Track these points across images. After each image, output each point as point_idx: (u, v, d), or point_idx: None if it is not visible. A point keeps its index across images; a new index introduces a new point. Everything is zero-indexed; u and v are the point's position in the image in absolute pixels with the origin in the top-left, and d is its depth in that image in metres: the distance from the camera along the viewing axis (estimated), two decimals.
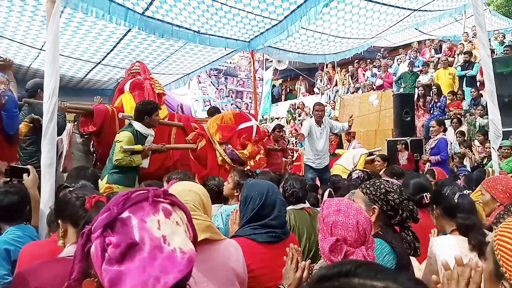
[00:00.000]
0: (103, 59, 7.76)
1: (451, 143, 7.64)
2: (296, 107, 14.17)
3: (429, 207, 2.53)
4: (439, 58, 10.79)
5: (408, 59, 11.52)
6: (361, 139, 9.45)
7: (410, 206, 2.01)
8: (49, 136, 2.72)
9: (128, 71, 5.57)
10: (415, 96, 9.47)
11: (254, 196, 2.04)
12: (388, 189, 2.01)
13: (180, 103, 10.81)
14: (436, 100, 9.13)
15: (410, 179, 3.08)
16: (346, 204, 1.59)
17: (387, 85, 11.46)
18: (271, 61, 15.36)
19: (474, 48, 10.03)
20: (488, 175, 3.71)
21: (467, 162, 7.25)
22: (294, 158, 8.35)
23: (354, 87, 12.97)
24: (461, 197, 2.13)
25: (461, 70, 9.68)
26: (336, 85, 14.10)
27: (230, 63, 14.58)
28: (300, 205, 2.99)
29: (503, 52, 9.24)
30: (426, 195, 2.82)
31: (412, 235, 2.00)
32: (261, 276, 1.88)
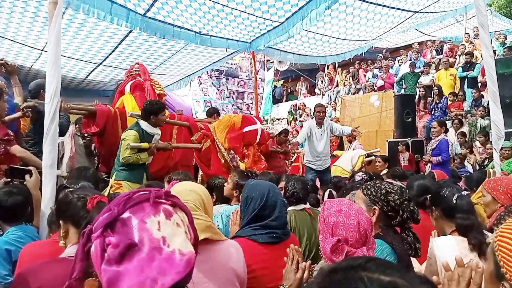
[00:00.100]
0: (105, 60, 7.77)
1: (452, 144, 7.63)
2: (297, 108, 14.16)
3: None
4: (440, 59, 10.78)
5: (409, 60, 11.51)
6: (362, 140, 9.44)
7: (411, 207, 2.01)
8: (51, 137, 2.72)
9: (128, 73, 5.59)
10: (416, 97, 9.46)
11: (255, 197, 2.04)
12: (389, 190, 2.01)
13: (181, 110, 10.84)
14: (437, 101, 9.12)
15: (414, 181, 3.09)
16: (347, 205, 1.59)
17: (388, 86, 11.45)
18: (272, 62, 15.35)
19: (476, 49, 10.03)
20: (489, 176, 3.70)
21: (468, 163, 7.23)
22: (293, 159, 8.35)
23: (355, 88, 12.96)
24: (460, 198, 2.13)
25: (462, 71, 9.67)
26: (337, 86, 14.09)
27: (231, 64, 14.57)
28: (301, 206, 2.98)
29: (503, 54, 9.24)
30: (430, 197, 2.82)
31: (413, 236, 1.99)
32: (262, 277, 1.88)
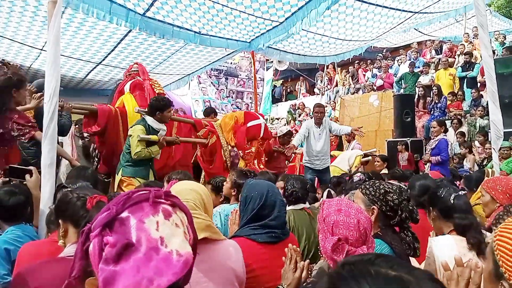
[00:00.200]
0: (104, 60, 7.77)
1: (451, 144, 7.63)
2: (296, 108, 14.16)
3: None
4: (440, 59, 10.78)
5: (409, 60, 11.52)
6: (361, 140, 9.44)
7: (410, 207, 2.01)
8: (50, 136, 2.71)
9: (127, 73, 5.58)
10: (416, 97, 9.47)
11: (254, 197, 2.04)
12: (388, 190, 2.01)
13: (181, 108, 10.87)
14: (437, 101, 9.12)
15: (416, 181, 3.09)
16: (347, 204, 1.59)
17: (388, 86, 11.46)
18: (272, 62, 15.35)
19: (475, 49, 10.03)
20: (488, 176, 3.71)
21: (467, 163, 7.24)
22: (290, 159, 8.37)
23: (355, 88, 12.96)
24: (457, 198, 2.13)
25: (462, 71, 9.67)
26: (337, 86, 14.10)
27: (231, 64, 14.57)
28: (300, 205, 2.98)
29: (502, 53, 9.25)
30: (426, 197, 2.82)
31: (412, 236, 1.99)
32: (261, 276, 1.88)
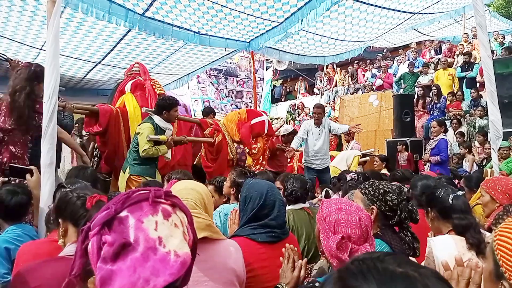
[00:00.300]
0: (103, 59, 7.75)
1: (451, 144, 7.64)
2: (296, 108, 14.17)
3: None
4: (439, 59, 10.80)
5: (408, 60, 11.53)
6: (361, 140, 9.45)
7: (409, 207, 2.01)
8: (49, 136, 2.71)
9: (128, 72, 5.58)
10: (415, 97, 9.48)
11: (254, 196, 2.04)
12: (387, 190, 2.01)
13: (184, 104, 10.87)
14: (436, 101, 9.13)
15: (418, 181, 3.08)
16: (346, 203, 1.59)
17: (387, 86, 11.47)
18: (271, 62, 15.36)
19: (474, 49, 10.04)
20: (485, 175, 3.71)
21: (467, 163, 7.24)
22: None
23: (354, 88, 12.98)
24: (455, 198, 2.12)
25: (461, 71, 9.68)
26: (336, 86, 14.11)
27: (230, 63, 14.57)
28: (300, 205, 2.98)
29: (501, 54, 9.26)
30: (424, 198, 2.82)
31: (411, 236, 1.99)
32: (261, 276, 1.89)
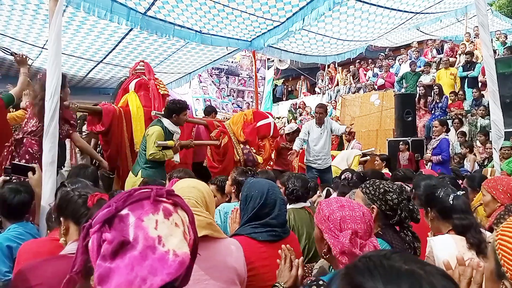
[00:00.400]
0: (105, 58, 7.76)
1: (452, 144, 7.63)
2: (297, 107, 14.16)
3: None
4: (441, 58, 10.78)
5: (410, 59, 11.51)
6: (363, 139, 9.45)
7: (410, 206, 2.01)
8: (51, 135, 2.72)
9: (133, 70, 5.57)
10: (417, 96, 9.47)
11: (255, 195, 2.04)
12: (387, 189, 2.01)
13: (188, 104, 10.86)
14: (438, 101, 9.11)
15: (421, 181, 3.07)
16: (346, 200, 1.59)
17: (389, 85, 11.46)
18: (273, 61, 15.35)
19: (476, 49, 10.02)
20: (485, 174, 3.71)
21: (468, 163, 7.23)
22: None
23: (356, 87, 12.96)
24: (456, 198, 2.12)
25: (463, 71, 9.66)
26: (338, 85, 14.10)
27: (232, 62, 14.57)
28: (301, 204, 2.98)
29: (503, 53, 9.24)
30: (424, 198, 2.81)
31: (412, 235, 1.99)
32: (262, 275, 1.89)
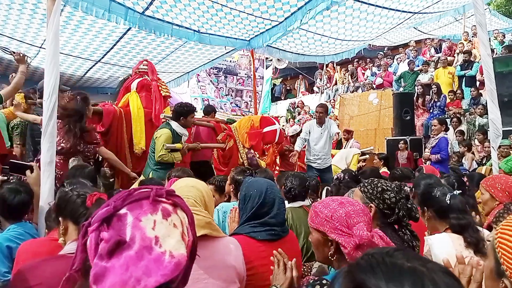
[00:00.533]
0: (103, 57, 7.75)
1: (451, 142, 7.64)
2: (296, 106, 14.17)
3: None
4: (439, 57, 10.80)
5: (408, 58, 11.52)
6: (361, 138, 9.47)
7: (408, 205, 2.00)
8: (49, 134, 2.72)
9: (136, 69, 5.54)
10: (415, 95, 9.48)
11: (253, 195, 2.04)
12: (385, 188, 2.01)
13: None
14: (436, 100, 9.13)
15: (422, 180, 3.08)
16: (342, 197, 1.60)
17: (387, 84, 11.47)
18: (271, 60, 15.34)
19: (474, 48, 10.04)
20: (480, 172, 3.71)
21: (466, 162, 7.25)
22: None
23: (354, 86, 12.98)
24: (453, 198, 2.12)
25: (460, 70, 9.68)
26: (336, 84, 14.11)
27: (230, 62, 14.55)
28: (299, 203, 2.98)
29: (501, 52, 9.26)
30: (420, 198, 2.81)
31: (411, 234, 1.99)
32: (261, 274, 1.89)
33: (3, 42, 6.81)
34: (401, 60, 11.85)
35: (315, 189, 3.98)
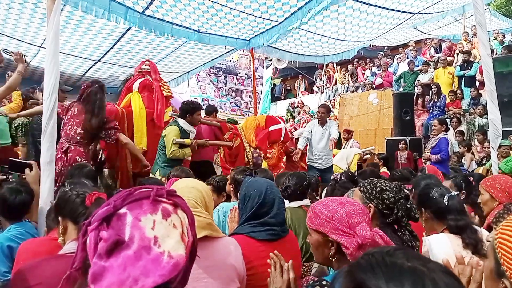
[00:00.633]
0: (103, 57, 7.75)
1: (451, 143, 7.64)
2: (296, 106, 14.17)
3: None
4: (439, 58, 10.80)
5: (408, 58, 11.52)
6: (361, 138, 9.47)
7: (408, 205, 2.00)
8: (49, 134, 2.72)
9: (138, 69, 5.53)
10: (415, 95, 9.48)
11: (253, 195, 2.04)
12: (384, 188, 2.01)
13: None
14: (436, 100, 9.13)
15: (422, 180, 3.08)
16: (341, 198, 1.60)
17: (387, 84, 11.47)
18: (271, 60, 15.34)
19: (474, 48, 10.04)
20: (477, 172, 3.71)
21: (466, 162, 7.25)
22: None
23: (354, 86, 12.98)
24: (450, 199, 2.12)
25: (460, 70, 9.68)
26: (336, 84, 14.11)
27: (230, 61, 14.54)
28: (298, 203, 2.97)
29: (501, 52, 9.26)
30: (417, 199, 2.81)
31: (410, 234, 1.99)
32: (261, 274, 1.88)
33: (3, 42, 6.81)
34: (401, 60, 11.85)
35: (315, 188, 3.97)
